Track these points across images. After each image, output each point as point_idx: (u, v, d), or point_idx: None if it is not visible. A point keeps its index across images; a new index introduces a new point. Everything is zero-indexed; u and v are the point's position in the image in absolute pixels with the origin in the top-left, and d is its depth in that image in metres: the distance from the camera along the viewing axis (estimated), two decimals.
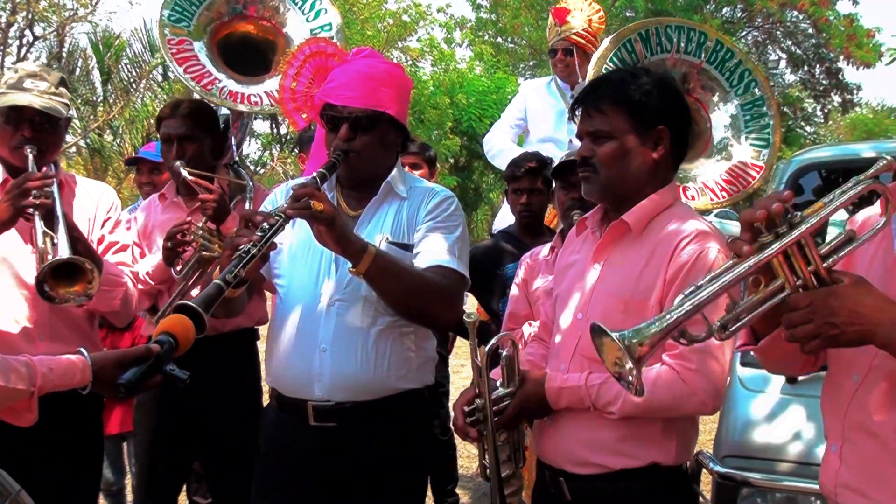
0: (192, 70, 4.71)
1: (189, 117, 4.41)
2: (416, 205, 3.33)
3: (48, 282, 3.40)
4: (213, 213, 4.19)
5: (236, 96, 4.67)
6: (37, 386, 2.40)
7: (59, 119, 3.79)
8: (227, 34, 4.92)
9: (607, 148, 2.89)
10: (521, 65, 36.94)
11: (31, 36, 21.52)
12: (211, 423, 4.41)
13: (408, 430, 3.32)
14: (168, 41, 4.72)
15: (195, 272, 4.26)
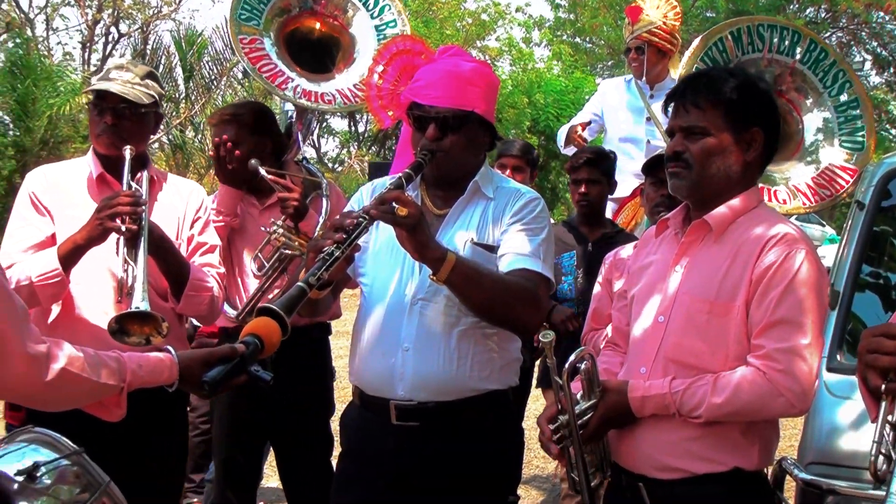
0: (265, 69, 4.72)
1: (233, 122, 4.41)
2: (502, 206, 3.29)
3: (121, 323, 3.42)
4: (294, 211, 4.19)
5: (310, 95, 4.67)
6: (126, 382, 2.41)
7: (142, 108, 3.80)
8: (294, 29, 4.91)
9: (702, 144, 2.85)
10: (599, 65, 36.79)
11: (117, 33, 21.98)
12: (283, 415, 4.43)
13: (490, 431, 3.28)
14: (241, 40, 4.73)
15: (276, 270, 4.28)
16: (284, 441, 4.60)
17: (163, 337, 3.45)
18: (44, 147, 18.72)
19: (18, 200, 3.79)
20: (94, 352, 2.37)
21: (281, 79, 4.70)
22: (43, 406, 2.42)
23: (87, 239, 3.51)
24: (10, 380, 2.20)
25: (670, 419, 2.82)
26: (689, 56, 4.51)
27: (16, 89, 18.53)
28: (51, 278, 3.49)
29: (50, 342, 2.25)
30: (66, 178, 3.85)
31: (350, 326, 3.45)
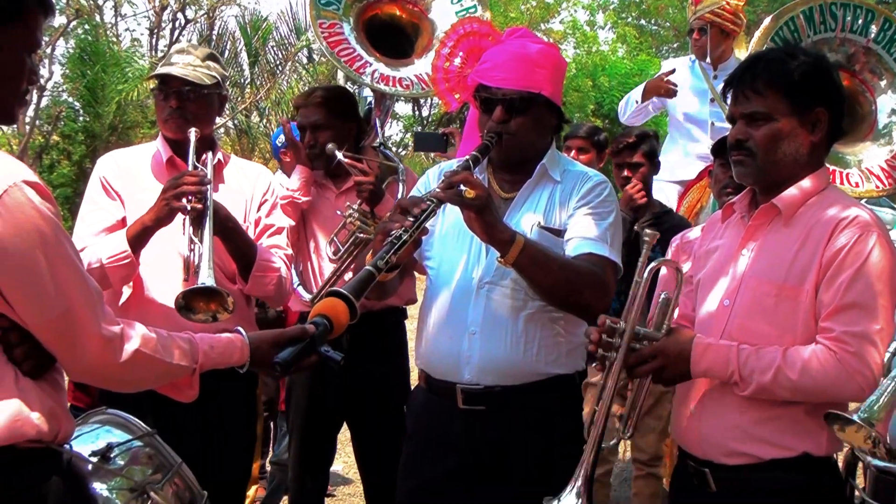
0: (344, 54, 4.72)
1: (321, 105, 4.46)
2: (569, 189, 3.27)
3: (188, 299, 3.46)
4: (370, 195, 4.21)
5: (388, 80, 4.67)
6: (198, 363, 2.43)
7: (205, 89, 3.83)
8: (374, 15, 4.90)
9: (765, 130, 2.79)
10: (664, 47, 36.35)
11: (183, 19, 22.08)
12: (360, 399, 4.46)
13: (557, 415, 3.27)
14: (320, 25, 4.74)
15: (351, 254, 4.29)
16: (361, 424, 4.63)
17: (229, 313, 3.49)
18: (113, 132, 18.96)
19: (90, 185, 3.85)
20: (166, 333, 2.39)
21: (359, 63, 4.71)
22: (117, 387, 2.46)
23: (154, 220, 3.56)
24: (86, 361, 2.23)
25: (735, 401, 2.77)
26: (759, 36, 4.42)
27: (85, 75, 18.77)
28: (120, 260, 3.54)
29: (123, 324, 2.27)
30: (136, 162, 3.90)
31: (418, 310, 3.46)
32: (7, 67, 2.21)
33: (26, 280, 2.09)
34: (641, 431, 5.32)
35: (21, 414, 2.12)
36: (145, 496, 2.69)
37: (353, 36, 4.81)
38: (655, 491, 5.36)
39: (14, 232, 2.04)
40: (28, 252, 2.07)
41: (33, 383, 2.20)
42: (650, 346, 2.80)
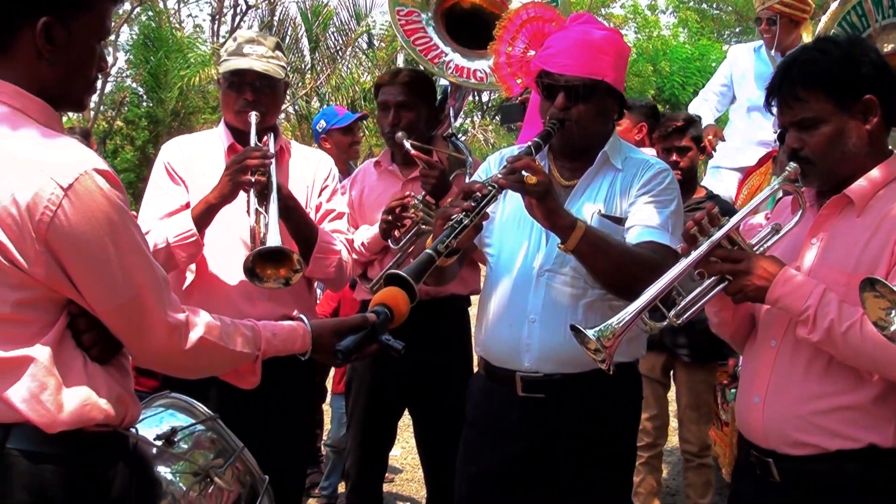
0: (419, 42, 4.66)
1: (408, 85, 4.42)
2: (631, 177, 3.25)
3: (256, 263, 3.48)
4: (433, 188, 4.19)
5: (462, 71, 4.61)
6: (261, 350, 2.44)
7: (278, 81, 3.88)
8: (453, 4, 4.85)
9: (817, 136, 2.71)
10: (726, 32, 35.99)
11: (245, 5, 22.27)
12: (423, 386, 4.45)
13: (617, 403, 3.26)
14: (398, 12, 4.70)
15: (412, 244, 4.26)
16: (423, 411, 4.62)
17: (299, 273, 3.51)
18: (175, 118, 19.21)
19: (154, 170, 3.89)
20: (230, 320, 2.41)
21: (434, 53, 4.65)
22: (181, 373, 2.47)
23: (219, 197, 3.59)
24: (151, 347, 2.25)
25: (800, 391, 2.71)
26: (825, 22, 4.32)
27: (149, 61, 19.04)
28: (186, 239, 3.58)
29: (189, 311, 2.29)
30: (199, 149, 3.94)
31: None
32: (77, 56, 2.22)
33: (95, 267, 2.11)
34: (686, 424, 5.34)
35: (89, 399, 2.15)
36: (208, 480, 2.71)
37: (432, 25, 4.76)
38: (708, 479, 5.36)
39: (84, 219, 2.06)
40: (97, 239, 2.09)
41: (101, 368, 2.22)
42: (740, 251, 2.73)
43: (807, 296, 2.61)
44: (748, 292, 2.69)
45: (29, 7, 2.14)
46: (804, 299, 2.62)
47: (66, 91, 2.25)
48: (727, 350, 4.92)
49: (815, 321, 2.60)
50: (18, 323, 2.10)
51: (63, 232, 2.05)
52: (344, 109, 7.06)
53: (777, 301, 2.66)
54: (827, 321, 2.58)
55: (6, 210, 2.03)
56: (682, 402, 5.33)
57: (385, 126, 4.43)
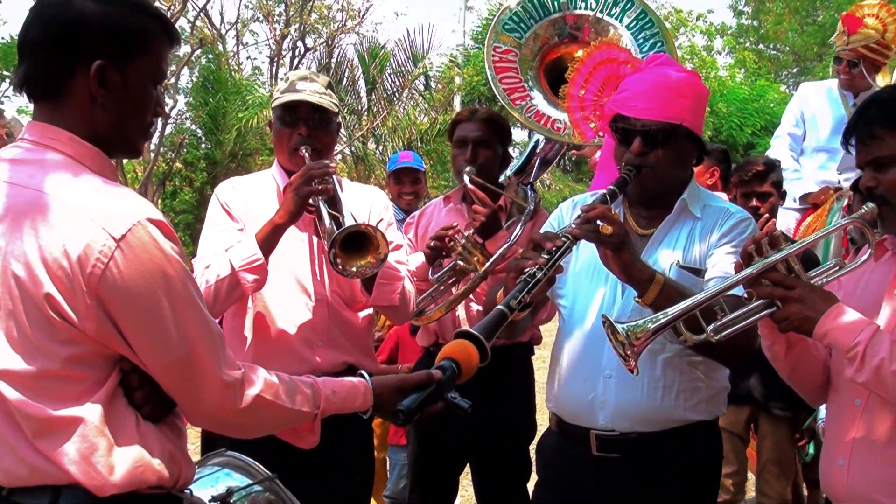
0: (507, 81, 4.60)
1: (486, 123, 4.39)
2: (710, 226, 3.11)
3: (340, 257, 3.40)
4: (481, 226, 4.13)
5: (541, 118, 4.53)
6: (320, 409, 2.33)
7: (333, 116, 3.80)
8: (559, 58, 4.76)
9: (892, 175, 2.58)
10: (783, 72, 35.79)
11: (303, 47, 22.46)
12: (485, 436, 4.32)
13: (696, 464, 3.12)
14: (494, 48, 4.64)
15: (449, 279, 4.21)
16: (484, 463, 4.49)
17: (383, 259, 3.46)
18: (233, 159, 19.35)
19: (211, 209, 3.81)
20: (288, 377, 2.30)
21: (519, 94, 4.58)
22: (236, 433, 2.36)
23: (286, 215, 3.50)
24: (206, 406, 2.14)
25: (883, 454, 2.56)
26: None
27: (208, 103, 19.21)
28: (252, 263, 3.47)
29: (245, 367, 2.18)
30: (253, 190, 3.86)
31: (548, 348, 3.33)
32: (133, 100, 2.15)
33: (148, 322, 2.02)
34: (767, 478, 5.16)
35: (142, 460, 2.05)
36: None
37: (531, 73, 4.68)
38: None
39: (137, 272, 1.97)
40: (151, 293, 2.00)
41: (154, 428, 2.13)
42: (795, 279, 2.58)
43: (857, 332, 2.46)
44: (794, 321, 2.54)
45: (82, 50, 2.07)
46: (854, 335, 2.47)
47: (120, 137, 2.18)
48: None
49: (863, 359, 2.45)
50: (68, 380, 2.01)
51: (115, 285, 1.96)
52: (408, 156, 6.99)
53: (825, 335, 2.50)
54: (877, 360, 2.43)
55: (57, 262, 1.94)
56: (764, 457, 5.14)
57: (461, 162, 4.36)
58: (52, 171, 2.03)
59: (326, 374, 3.49)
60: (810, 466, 5.32)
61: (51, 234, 1.95)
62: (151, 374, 2.08)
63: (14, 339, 1.99)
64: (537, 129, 4.55)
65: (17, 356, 1.99)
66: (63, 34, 2.06)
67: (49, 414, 1.98)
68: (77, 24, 2.06)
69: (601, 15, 4.64)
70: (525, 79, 4.62)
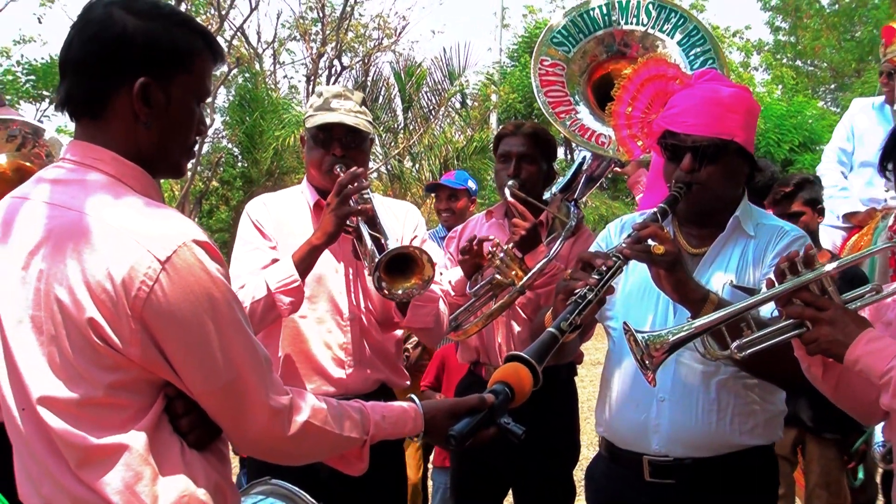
0: (552, 94, 4.55)
1: (531, 137, 4.32)
2: (764, 245, 3.03)
3: (385, 280, 3.36)
4: (520, 240, 4.06)
5: (585, 132, 4.48)
6: (369, 435, 2.27)
7: (367, 136, 3.76)
8: (606, 74, 4.71)
9: None
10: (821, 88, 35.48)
11: (339, 66, 22.47)
12: (528, 459, 4.24)
13: (752, 490, 3.03)
14: (542, 61, 4.60)
15: (487, 293, 4.15)
16: (528, 486, 4.40)
17: (428, 281, 3.41)
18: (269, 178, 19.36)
19: (242, 227, 3.77)
20: (336, 402, 2.24)
21: (564, 108, 4.54)
22: (284, 460, 2.30)
23: (324, 236, 3.46)
24: (252, 433, 2.08)
25: None
26: None
27: (244, 122, 19.26)
28: (289, 284, 3.43)
29: (293, 393, 2.12)
30: (284, 207, 3.82)
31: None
32: (176, 118, 2.10)
33: (194, 347, 1.97)
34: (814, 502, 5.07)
35: (187, 489, 1.99)
36: None
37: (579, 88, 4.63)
38: None
39: (183, 296, 1.92)
40: (197, 317, 1.94)
41: (199, 455, 2.07)
42: (828, 300, 2.49)
43: (890, 357, 2.35)
44: (823, 343, 2.45)
45: (125, 67, 2.02)
46: (887, 361, 2.35)
47: (163, 156, 2.12)
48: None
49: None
50: (112, 407, 1.95)
51: (160, 309, 1.91)
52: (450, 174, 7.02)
53: (857, 361, 2.39)
54: None
55: (101, 285, 1.89)
56: (812, 481, 5.03)
57: (503, 177, 4.30)
58: (94, 192, 1.98)
59: (358, 394, 3.55)
60: (861, 490, 5.21)
61: (94, 257, 1.90)
62: (197, 399, 2.03)
63: (56, 365, 1.94)
64: (581, 143, 4.50)
65: (60, 383, 1.93)
66: (105, 51, 2.02)
67: (92, 443, 1.93)
68: (120, 41, 2.01)
69: (652, 31, 4.58)
70: (571, 93, 4.57)
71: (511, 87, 23.02)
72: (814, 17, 33.52)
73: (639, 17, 4.60)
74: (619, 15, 4.61)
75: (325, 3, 21.89)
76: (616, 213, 23.74)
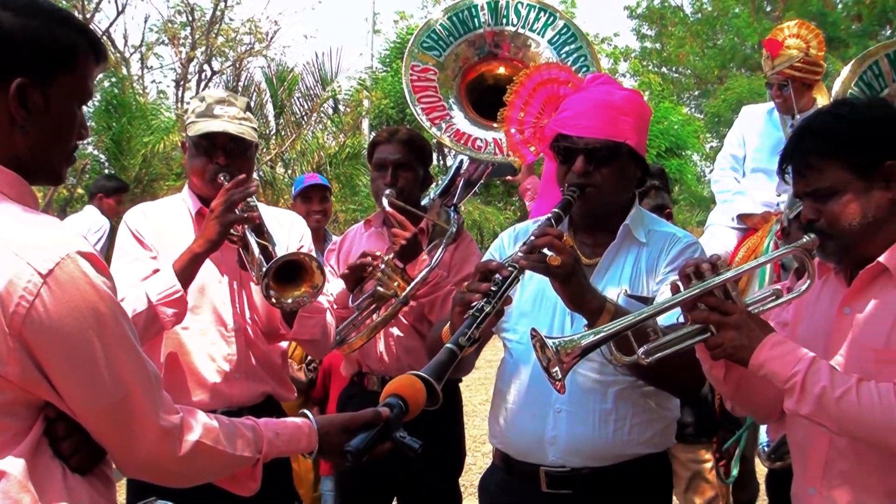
0: (425, 101, 4.50)
1: (407, 144, 4.25)
2: (657, 252, 3.03)
3: (274, 289, 3.27)
4: (401, 250, 4.02)
5: (461, 136, 4.43)
6: (262, 453, 2.17)
7: (251, 145, 3.65)
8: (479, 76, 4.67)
9: (833, 207, 2.51)
10: (685, 94, 36.46)
11: (210, 71, 22.15)
12: (412, 469, 4.14)
13: (648, 497, 3.03)
14: (412, 67, 4.54)
15: (370, 305, 4.10)
16: (413, 496, 4.36)
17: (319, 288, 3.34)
18: (138, 185, 18.88)
19: (120, 238, 3.62)
20: (228, 420, 2.13)
21: (438, 113, 4.49)
22: (173, 482, 2.16)
23: (206, 244, 3.34)
24: (141, 454, 1.96)
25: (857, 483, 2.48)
26: (841, 82, 4.19)
27: (111, 128, 18.75)
28: (171, 295, 3.30)
29: (183, 411, 2.01)
30: (165, 216, 3.69)
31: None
32: (55, 122, 1.96)
33: (78, 365, 1.83)
34: None
35: None
36: None
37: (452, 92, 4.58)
38: None
39: (66, 311, 1.78)
40: (81, 333, 1.81)
41: (82, 480, 1.94)
42: (733, 305, 2.48)
43: (794, 363, 2.37)
44: (728, 349, 2.45)
45: (1, 67, 1.87)
46: (791, 366, 2.37)
47: (42, 162, 1.97)
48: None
49: (803, 389, 2.36)
50: None
51: (41, 326, 1.77)
52: (314, 176, 6.88)
53: (762, 366, 2.40)
54: (818, 388, 2.34)
55: None
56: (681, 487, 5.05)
57: (380, 186, 4.22)
58: None
59: (244, 406, 3.45)
60: (741, 489, 5.30)
61: None
62: (80, 421, 1.90)
63: None
64: (457, 149, 4.47)
65: None
66: None
67: None
68: None
69: (522, 30, 4.58)
70: (445, 97, 4.54)
71: (383, 93, 23.01)
72: (678, 25, 34.50)
73: (508, 17, 4.60)
74: (488, 16, 4.60)
75: (194, 7, 21.56)
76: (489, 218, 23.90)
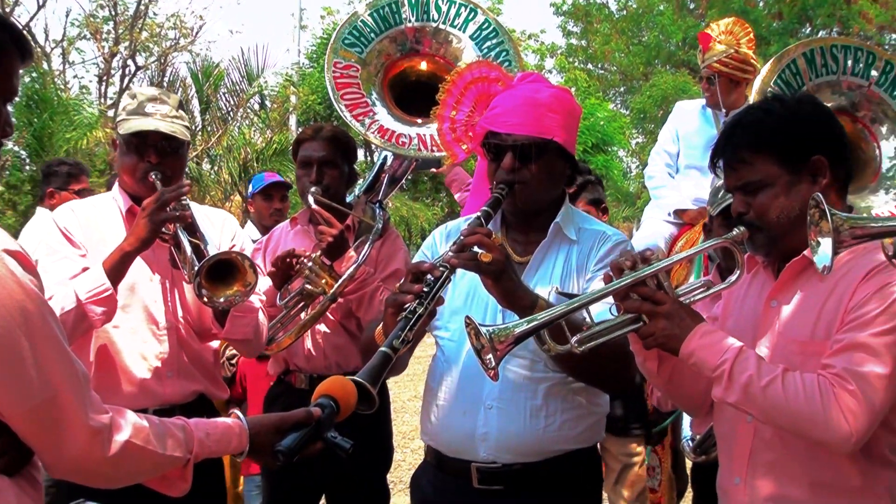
0: (348, 97, 4.49)
1: (332, 142, 4.26)
2: (587, 250, 3.06)
3: (206, 288, 3.26)
4: (328, 248, 4.02)
5: (385, 133, 4.43)
6: (193, 453, 2.16)
7: (183, 143, 3.64)
8: (402, 72, 4.67)
9: (762, 199, 2.57)
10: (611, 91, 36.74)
11: (134, 66, 21.85)
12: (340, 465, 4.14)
13: (579, 491, 3.06)
14: (335, 64, 4.53)
15: (298, 303, 4.10)
16: (341, 494, 4.36)
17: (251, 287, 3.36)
18: None
19: (49, 236, 3.57)
20: (158, 420, 2.12)
21: (361, 110, 4.48)
22: (102, 483, 2.15)
23: (137, 242, 3.32)
24: (69, 455, 1.94)
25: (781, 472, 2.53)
26: (760, 81, 4.25)
27: (32, 123, 18.41)
28: (100, 294, 3.27)
29: (112, 411, 1.99)
30: (94, 214, 3.65)
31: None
32: None
33: (5, 365, 1.82)
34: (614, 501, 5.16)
35: None
36: None
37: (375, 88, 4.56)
38: None
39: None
40: (9, 333, 1.79)
41: (10, 482, 1.92)
42: (664, 294, 2.52)
43: (723, 352, 2.44)
44: (659, 337, 2.51)
45: None
46: (720, 355, 2.44)
47: None
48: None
49: (730, 377, 2.42)
50: None
51: None
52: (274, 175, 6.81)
53: (692, 354, 2.46)
54: (744, 377, 2.41)
55: None
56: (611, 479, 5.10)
57: (305, 183, 4.22)
58: None
59: (176, 405, 3.44)
60: None
61: None
62: (7, 421, 1.88)
63: None
64: (381, 145, 4.48)
65: None
66: None
67: None
68: None
69: (443, 26, 4.59)
70: (368, 94, 4.54)
71: (310, 89, 22.91)
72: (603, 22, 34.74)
73: (430, 13, 4.61)
74: (409, 12, 4.61)
75: (117, 2, 21.23)
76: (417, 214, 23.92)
